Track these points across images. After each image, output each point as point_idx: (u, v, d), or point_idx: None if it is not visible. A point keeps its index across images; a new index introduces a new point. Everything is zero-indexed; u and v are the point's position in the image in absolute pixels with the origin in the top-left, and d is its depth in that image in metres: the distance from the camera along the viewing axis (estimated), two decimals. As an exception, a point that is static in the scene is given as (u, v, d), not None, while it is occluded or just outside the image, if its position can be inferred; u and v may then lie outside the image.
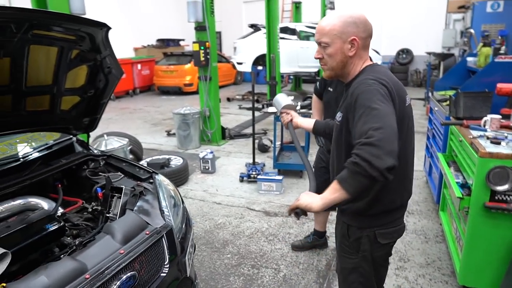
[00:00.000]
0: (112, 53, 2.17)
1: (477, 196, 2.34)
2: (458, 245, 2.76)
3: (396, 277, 2.85)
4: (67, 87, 2.22)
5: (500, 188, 2.24)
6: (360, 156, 1.25)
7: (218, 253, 3.20)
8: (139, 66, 13.23)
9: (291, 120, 2.11)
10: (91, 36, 2.05)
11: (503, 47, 4.56)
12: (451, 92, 4.23)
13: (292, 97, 2.06)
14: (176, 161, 4.89)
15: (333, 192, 1.34)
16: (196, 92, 8.27)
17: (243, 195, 4.46)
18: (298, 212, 1.46)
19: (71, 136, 2.64)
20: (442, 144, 3.63)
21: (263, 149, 6.03)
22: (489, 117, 2.72)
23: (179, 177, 4.70)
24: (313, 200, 1.40)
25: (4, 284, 1.39)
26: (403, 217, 1.68)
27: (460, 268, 2.53)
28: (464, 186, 2.70)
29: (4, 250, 1.47)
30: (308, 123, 2.09)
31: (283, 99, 2.21)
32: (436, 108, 4.06)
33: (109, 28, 2.04)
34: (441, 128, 3.67)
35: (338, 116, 1.59)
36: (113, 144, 4.27)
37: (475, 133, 2.66)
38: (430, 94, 7.32)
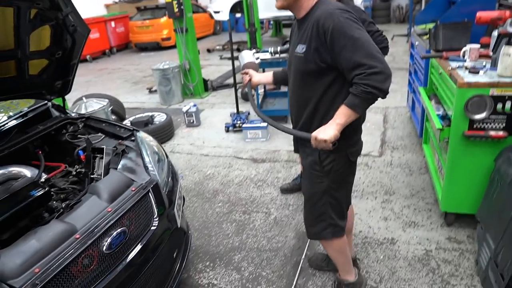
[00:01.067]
0: (75, 10, 2.06)
1: (456, 126, 2.38)
2: (440, 175, 2.86)
3: (383, 210, 2.97)
4: (32, 50, 2.13)
5: (478, 116, 2.28)
6: (371, 85, 1.46)
7: (209, 203, 3.27)
8: (112, 23, 12.67)
9: (250, 80, 2.10)
10: (49, -7, 1.93)
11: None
12: (431, 25, 4.15)
13: (254, 52, 2.12)
14: (160, 118, 4.85)
15: (347, 116, 1.54)
16: (174, 46, 8.03)
17: (230, 144, 4.49)
18: (335, 143, 1.57)
19: (46, 102, 2.57)
20: (423, 79, 3.63)
21: (247, 97, 5.98)
22: (468, 47, 2.69)
23: (165, 133, 4.69)
24: (331, 129, 1.54)
25: (-4, 251, 1.41)
26: (360, 134, 1.87)
27: (442, 196, 2.64)
28: (444, 117, 2.74)
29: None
30: (266, 77, 2.14)
31: (245, 56, 2.17)
32: (416, 43, 4.01)
33: (66, -18, 1.92)
34: (422, 62, 3.65)
35: (300, 48, 1.66)
36: (93, 106, 4.19)
37: (454, 64, 2.65)
38: (412, 29, 7.19)
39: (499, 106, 2.23)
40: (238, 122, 4.76)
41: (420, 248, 2.52)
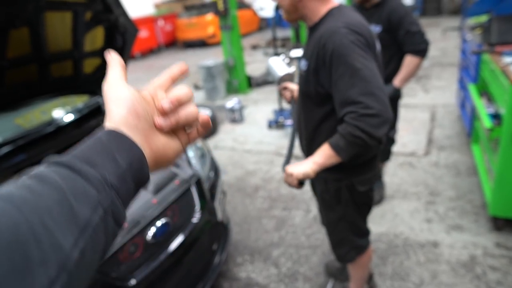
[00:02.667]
0: (124, 12, 2.18)
1: (508, 126, 2.26)
2: (489, 176, 2.73)
3: (426, 211, 2.88)
4: (87, 50, 2.28)
5: (532, 115, 2.16)
6: (361, 128, 1.25)
7: (250, 198, 3.34)
8: (161, 22, 13.12)
9: (292, 97, 1.80)
10: (102, -4, 2.06)
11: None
12: (485, 18, 3.94)
13: (288, 60, 1.83)
14: (205, 114, 4.97)
15: (328, 157, 1.35)
16: (220, 43, 8.20)
17: (272, 141, 4.53)
18: (303, 182, 1.45)
19: (99, 98, 2.74)
20: (474, 75, 3.46)
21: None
22: (524, 41, 2.56)
23: (208, 129, 4.80)
24: (307, 167, 1.38)
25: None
26: (376, 161, 1.66)
27: (491, 199, 2.52)
28: (495, 116, 2.61)
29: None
30: None
31: (277, 68, 1.82)
32: (468, 36, 3.82)
33: (117, -14, 2.04)
34: (473, 57, 3.48)
35: (303, 64, 1.48)
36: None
37: (508, 59, 2.52)
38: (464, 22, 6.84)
39: (556, 105, 2.09)
40: (281, 118, 4.79)
41: (465, 253, 2.43)
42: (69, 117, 2.49)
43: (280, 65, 1.81)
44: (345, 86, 1.27)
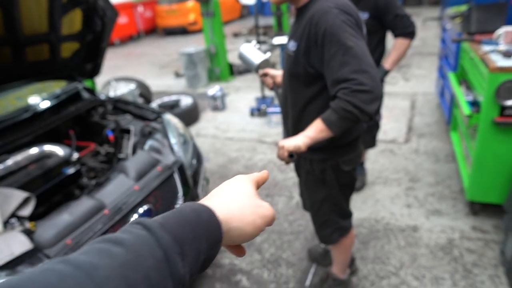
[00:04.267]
0: (104, -6, 2.12)
1: (486, 113, 2.31)
2: (467, 163, 2.79)
3: (406, 197, 2.94)
4: (64, 33, 2.21)
5: (510, 102, 2.21)
6: (353, 103, 1.27)
7: (233, 186, 3.33)
8: (140, 8, 12.82)
9: (274, 82, 1.78)
10: (79, -23, 1.99)
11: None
12: (464, 7, 4.00)
13: (258, 46, 1.77)
14: (186, 101, 4.92)
15: (319, 131, 1.36)
16: (201, 31, 8.08)
17: (254, 129, 4.52)
18: (293, 155, 1.43)
19: (77, 84, 2.67)
20: (453, 63, 3.52)
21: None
22: (502, 29, 2.59)
23: (190, 116, 4.76)
24: (299, 141, 1.38)
25: (34, 223, 1.51)
26: (360, 142, 1.70)
27: (468, 184, 2.59)
28: (474, 104, 2.67)
29: (29, 194, 1.58)
30: None
31: (252, 55, 1.74)
32: (448, 26, 3.88)
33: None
34: (453, 46, 3.54)
35: (292, 45, 1.47)
36: (122, 89, 4.30)
37: (487, 48, 2.56)
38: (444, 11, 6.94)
39: (533, 92, 2.15)
40: (263, 106, 4.78)
41: (443, 237, 2.49)
42: (46, 103, 2.42)
43: (254, 52, 1.75)
44: (338, 64, 1.29)
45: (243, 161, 3.77)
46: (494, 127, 2.31)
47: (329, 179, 1.66)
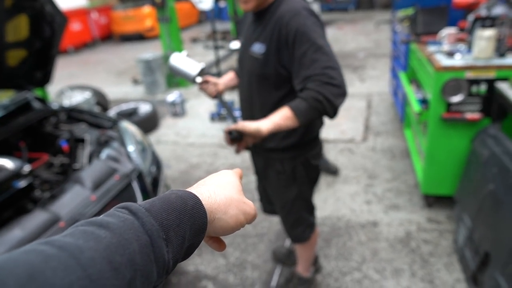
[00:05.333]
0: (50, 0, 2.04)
1: (434, 109, 2.44)
2: (420, 158, 2.93)
3: (365, 193, 3.04)
4: (9, 40, 2.11)
5: (454, 99, 2.34)
6: (323, 94, 1.31)
7: (195, 192, 3.30)
8: (94, 14, 12.45)
9: (219, 90, 1.73)
10: (24, -19, 1.91)
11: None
12: (411, 10, 4.20)
13: (187, 55, 1.68)
14: (145, 109, 4.83)
15: (285, 119, 1.33)
16: (158, 37, 7.96)
17: (215, 134, 4.51)
18: (234, 135, 1.32)
19: (27, 93, 2.55)
20: (403, 63, 3.68)
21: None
22: (445, 31, 2.75)
23: (149, 123, 4.67)
24: (262, 124, 1.32)
25: (-20, 242, 1.42)
26: (320, 137, 1.77)
27: (422, 178, 2.71)
28: (423, 101, 2.81)
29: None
30: (230, 79, 1.85)
31: (186, 66, 1.64)
32: (397, 28, 4.06)
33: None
34: (402, 47, 3.70)
35: (258, 48, 1.48)
36: (77, 98, 4.15)
37: (432, 48, 2.71)
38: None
39: (474, 88, 2.29)
40: (223, 111, 4.77)
41: (401, 230, 2.60)
42: (-8, 114, 2.30)
43: (188, 63, 1.64)
44: (310, 61, 1.34)
45: (205, 167, 3.74)
46: (442, 123, 2.44)
47: (299, 175, 1.71)
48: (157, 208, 0.44)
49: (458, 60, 2.37)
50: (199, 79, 1.65)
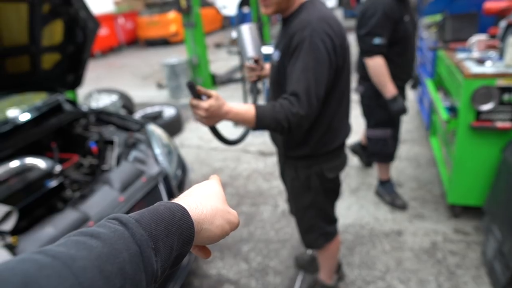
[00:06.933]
0: (84, 5, 2.11)
1: (463, 118, 2.39)
2: (447, 167, 2.86)
3: (389, 202, 2.99)
4: (45, 45, 2.19)
5: (484, 107, 2.28)
6: (288, 120, 1.29)
7: (218, 196, 3.32)
8: (121, 19, 12.77)
9: (261, 75, 1.70)
10: (60, -12, 1.98)
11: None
12: (439, 16, 4.14)
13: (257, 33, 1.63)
14: (169, 112, 4.90)
15: (245, 113, 1.29)
16: (182, 42, 8.09)
17: (239, 139, 4.52)
18: (193, 91, 1.21)
19: (59, 96, 2.64)
20: (430, 70, 3.62)
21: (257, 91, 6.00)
22: (475, 38, 2.70)
23: (174, 127, 4.74)
24: (221, 111, 1.24)
25: (16, 237, 1.47)
26: (344, 149, 1.73)
27: (449, 188, 2.65)
28: (451, 109, 2.75)
29: (11, 207, 1.54)
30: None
31: (252, 45, 1.61)
32: (424, 35, 4.00)
33: (77, -22, 1.97)
34: (429, 54, 3.65)
35: (276, 55, 1.50)
36: (104, 101, 4.26)
37: (461, 55, 2.66)
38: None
39: (506, 97, 2.23)
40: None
41: (427, 240, 2.54)
42: (26, 116, 2.38)
43: (254, 41, 1.61)
44: (296, 78, 1.33)
45: (227, 171, 3.77)
46: (471, 132, 2.38)
47: (314, 185, 1.68)
48: (146, 219, 0.46)
49: (488, 68, 2.31)
50: (251, 61, 1.63)
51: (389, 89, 2.44)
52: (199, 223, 0.52)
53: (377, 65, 2.40)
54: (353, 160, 3.65)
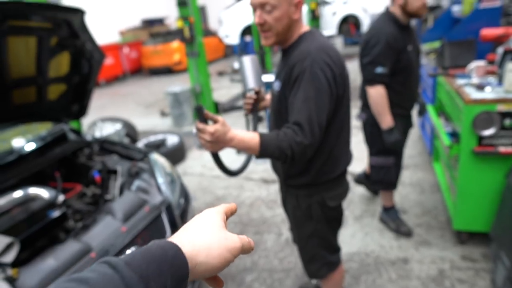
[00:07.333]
0: (91, 38, 2.17)
1: (465, 143, 2.39)
2: (451, 192, 2.84)
3: (394, 229, 2.95)
4: (52, 76, 2.24)
5: (486, 132, 2.29)
6: (292, 149, 1.31)
7: (221, 224, 3.29)
8: (126, 49, 13.05)
9: (260, 106, 1.74)
10: (68, 22, 2.04)
11: (488, -8, 4.48)
12: (438, 43, 4.21)
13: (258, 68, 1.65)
14: (172, 140, 4.93)
15: (249, 141, 1.30)
16: (186, 70, 8.25)
17: (241, 166, 4.52)
18: (200, 116, 1.26)
19: (63, 125, 2.67)
20: (431, 96, 3.66)
21: (258, 119, 6.04)
22: (473, 64, 2.74)
23: (177, 155, 4.76)
24: (226, 137, 1.26)
25: (17, 269, 1.46)
26: (346, 177, 1.72)
27: (454, 214, 2.62)
28: (453, 134, 2.76)
29: (12, 239, 1.54)
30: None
31: (252, 75, 1.63)
32: (424, 61, 4.06)
33: (83, 12, 2.03)
34: (430, 80, 3.69)
35: (277, 85, 1.53)
36: (108, 129, 4.30)
37: (461, 81, 2.69)
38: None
39: (507, 121, 2.24)
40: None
41: (434, 268, 2.49)
42: (31, 146, 2.40)
43: (255, 73, 1.63)
44: (297, 109, 1.35)
45: (230, 199, 3.75)
46: (474, 157, 2.38)
47: (315, 214, 1.67)
48: (137, 260, 0.46)
49: (488, 93, 2.33)
50: (252, 92, 1.65)
51: (386, 120, 2.45)
52: (193, 258, 0.52)
53: (377, 94, 2.42)
54: (356, 187, 3.63)
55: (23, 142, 2.49)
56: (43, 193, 2.05)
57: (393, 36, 2.34)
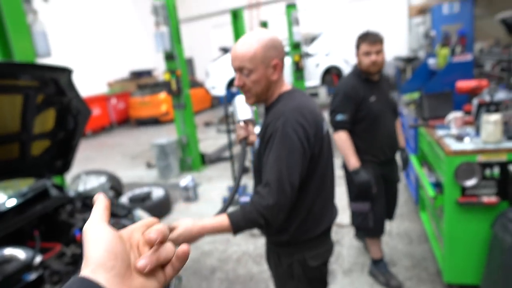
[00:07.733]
0: (78, 95, 2.20)
1: (449, 194, 2.41)
2: (439, 243, 2.82)
3: (385, 282, 2.88)
4: (36, 132, 2.23)
5: (468, 183, 2.33)
6: (264, 216, 1.33)
7: (206, 281, 3.17)
8: (113, 100, 13.20)
9: (246, 137, 1.71)
10: (55, 80, 2.07)
11: (459, 47, 4.75)
12: (417, 94, 4.38)
13: (253, 108, 1.78)
14: (158, 193, 4.86)
15: (219, 227, 1.33)
16: (173, 121, 8.35)
17: (228, 218, 4.45)
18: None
19: (46, 181, 2.62)
20: (414, 146, 3.74)
21: (244, 170, 6.04)
22: (452, 115, 2.83)
23: (162, 208, 4.67)
24: (193, 234, 1.29)
25: None
26: (330, 236, 1.69)
27: (444, 266, 2.59)
28: (437, 185, 2.79)
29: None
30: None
31: (241, 109, 1.72)
32: (404, 111, 4.19)
33: (71, 71, 2.07)
34: (411, 130, 3.79)
35: (257, 142, 1.58)
36: (92, 183, 4.23)
37: (441, 132, 2.77)
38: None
39: (488, 172, 2.29)
40: (235, 195, 4.76)
41: (427, 323, 2.41)
42: (11, 202, 2.34)
43: (244, 108, 1.69)
44: (269, 167, 1.38)
45: (217, 254, 3.64)
46: (458, 207, 2.40)
47: (296, 273, 1.60)
48: None
49: (468, 144, 2.40)
50: (241, 123, 1.67)
51: (352, 162, 2.56)
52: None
53: (339, 139, 2.59)
54: (344, 239, 3.59)
55: (2, 198, 2.42)
56: (20, 254, 1.97)
57: (352, 87, 2.57)
